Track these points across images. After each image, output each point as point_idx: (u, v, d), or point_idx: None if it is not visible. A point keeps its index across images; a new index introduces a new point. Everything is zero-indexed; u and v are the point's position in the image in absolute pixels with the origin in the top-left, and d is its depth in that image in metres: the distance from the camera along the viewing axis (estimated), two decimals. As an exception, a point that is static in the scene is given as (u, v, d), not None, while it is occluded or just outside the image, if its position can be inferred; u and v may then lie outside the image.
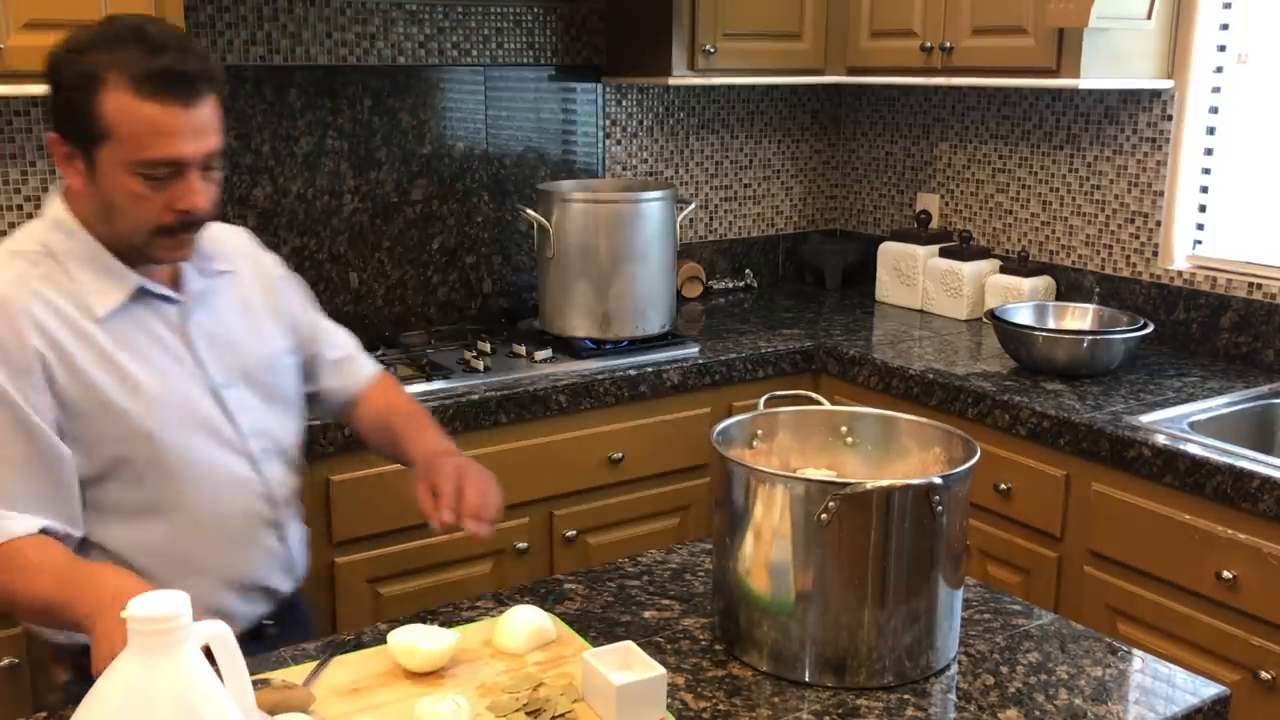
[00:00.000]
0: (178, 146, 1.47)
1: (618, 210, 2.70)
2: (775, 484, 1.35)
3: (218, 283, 1.68)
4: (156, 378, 1.56)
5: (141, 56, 1.44)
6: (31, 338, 1.47)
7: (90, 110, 1.45)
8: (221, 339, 1.65)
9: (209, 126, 1.51)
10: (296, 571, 1.77)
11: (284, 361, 1.76)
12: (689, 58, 2.91)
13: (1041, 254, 3.11)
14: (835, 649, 1.35)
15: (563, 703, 1.28)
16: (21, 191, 2.49)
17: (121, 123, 1.45)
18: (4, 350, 1.46)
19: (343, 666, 1.38)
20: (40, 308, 1.49)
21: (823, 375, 2.85)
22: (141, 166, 1.47)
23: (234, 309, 1.69)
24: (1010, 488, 2.40)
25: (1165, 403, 2.37)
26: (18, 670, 2.01)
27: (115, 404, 1.52)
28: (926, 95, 3.37)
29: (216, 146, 1.53)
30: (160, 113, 1.45)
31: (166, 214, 1.50)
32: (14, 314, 1.47)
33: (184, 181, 1.50)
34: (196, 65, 1.48)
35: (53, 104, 1.50)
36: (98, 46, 1.46)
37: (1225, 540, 2.05)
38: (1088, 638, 1.47)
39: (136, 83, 1.44)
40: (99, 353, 1.52)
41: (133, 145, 1.45)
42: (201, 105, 1.48)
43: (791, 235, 3.63)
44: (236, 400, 1.65)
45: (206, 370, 1.62)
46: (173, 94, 1.45)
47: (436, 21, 2.92)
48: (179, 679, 0.91)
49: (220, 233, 1.74)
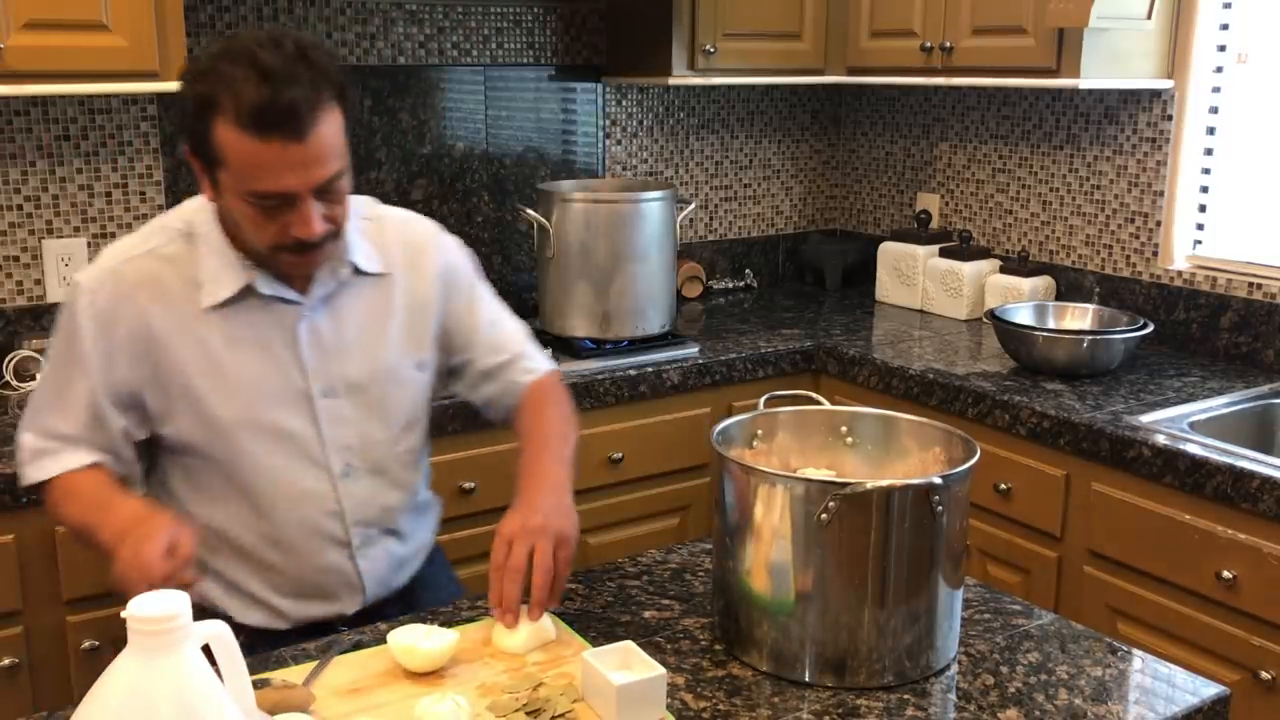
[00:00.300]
0: (284, 181, 1.44)
1: (618, 210, 2.70)
2: (775, 484, 1.35)
3: (355, 287, 1.64)
4: (248, 375, 1.57)
5: (249, 87, 1.39)
6: (135, 312, 1.54)
7: (207, 136, 1.44)
8: (332, 346, 1.62)
9: (321, 155, 1.44)
10: (366, 590, 1.69)
11: (404, 375, 1.69)
12: (689, 58, 2.91)
13: (1041, 254, 3.11)
14: (835, 649, 1.35)
15: (563, 703, 1.28)
16: (21, 191, 2.49)
17: (231, 155, 1.43)
18: (100, 314, 1.54)
19: (343, 666, 1.38)
20: (151, 285, 1.55)
21: (823, 375, 2.85)
22: (252, 197, 1.46)
23: (361, 315, 1.64)
24: (1010, 488, 2.40)
25: (1165, 403, 2.37)
26: (18, 670, 2.02)
27: (197, 391, 1.56)
28: (926, 95, 3.37)
29: (332, 172, 1.47)
30: (264, 149, 1.41)
31: (283, 237, 1.49)
32: (124, 286, 1.55)
33: (297, 210, 1.46)
34: (305, 94, 1.41)
35: (180, 119, 1.50)
36: (213, 71, 1.42)
37: (1225, 540, 2.05)
38: (1088, 638, 1.47)
39: (242, 117, 1.40)
40: (197, 339, 1.55)
41: (242, 177, 1.44)
42: (311, 136, 1.42)
43: (791, 235, 3.63)
44: (330, 411, 1.62)
45: (306, 376, 1.60)
46: (278, 130, 1.40)
47: (436, 21, 2.92)
48: (179, 679, 0.91)
49: (397, 229, 1.70)
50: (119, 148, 2.58)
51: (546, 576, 1.42)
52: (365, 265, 1.64)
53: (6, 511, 1.97)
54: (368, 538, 1.67)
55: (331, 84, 1.45)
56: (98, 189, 2.57)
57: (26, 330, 2.51)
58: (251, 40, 1.43)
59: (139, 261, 1.57)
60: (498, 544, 1.45)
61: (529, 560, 1.43)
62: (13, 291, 2.51)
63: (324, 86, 1.44)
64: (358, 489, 1.65)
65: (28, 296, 2.53)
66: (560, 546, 1.45)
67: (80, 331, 1.55)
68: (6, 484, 1.95)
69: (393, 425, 1.68)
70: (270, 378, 1.58)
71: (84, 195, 2.56)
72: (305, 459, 1.61)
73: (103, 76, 2.18)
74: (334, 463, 1.63)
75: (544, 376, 1.80)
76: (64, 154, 2.52)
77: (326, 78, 1.44)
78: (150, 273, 1.56)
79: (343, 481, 1.63)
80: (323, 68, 1.44)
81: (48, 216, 2.52)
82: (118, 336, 1.55)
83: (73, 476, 1.57)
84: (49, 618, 2.04)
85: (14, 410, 2.29)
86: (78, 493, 1.55)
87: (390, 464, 1.69)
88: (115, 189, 2.59)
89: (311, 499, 1.62)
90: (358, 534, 1.66)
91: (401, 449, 1.70)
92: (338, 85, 1.47)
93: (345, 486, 1.64)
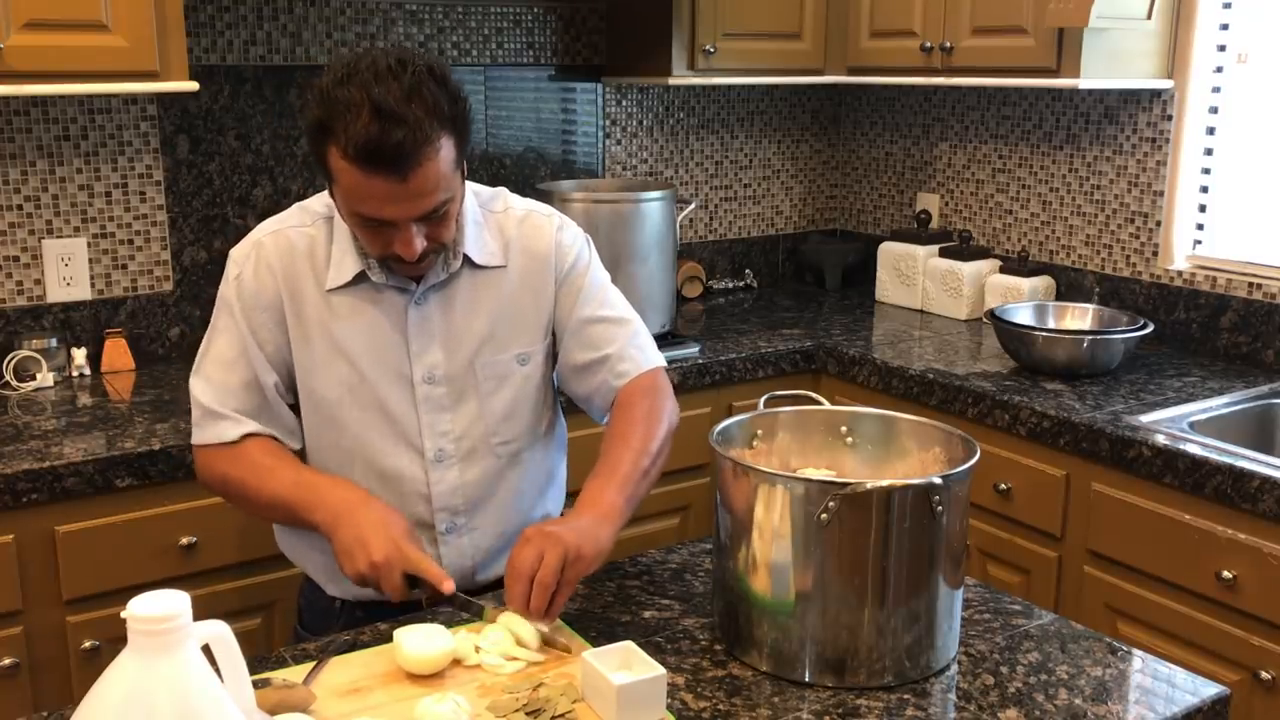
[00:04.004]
0: (386, 211, 1.49)
1: (618, 210, 2.70)
2: (775, 484, 1.35)
3: (468, 278, 1.67)
4: (359, 357, 1.63)
5: (360, 122, 1.42)
6: (274, 281, 1.63)
7: (323, 156, 1.50)
8: (438, 334, 1.66)
9: (424, 190, 1.48)
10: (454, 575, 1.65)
11: (505, 368, 1.69)
12: (689, 58, 2.91)
13: (1041, 254, 3.11)
14: (835, 649, 1.35)
15: (563, 703, 1.28)
16: (21, 191, 2.49)
17: (341, 179, 1.49)
18: (246, 285, 1.63)
19: (343, 666, 1.38)
20: (286, 258, 1.63)
21: (823, 375, 2.85)
22: (358, 217, 1.52)
23: (470, 307, 1.67)
24: (1010, 488, 2.40)
25: (1165, 403, 2.37)
26: (17, 670, 2.02)
27: (318, 365, 1.64)
28: (926, 95, 3.37)
29: (434, 205, 1.50)
30: (369, 183, 1.45)
31: (387, 250, 1.55)
32: (268, 258, 1.63)
33: (400, 233, 1.51)
34: (413, 135, 1.43)
35: (306, 131, 1.53)
36: (332, 98, 1.45)
37: (1225, 540, 2.05)
38: (1088, 638, 1.47)
39: (350, 150, 1.43)
40: (320, 317, 1.63)
41: (349, 199, 1.50)
42: (414, 175, 1.45)
43: (791, 235, 3.63)
44: (430, 398, 1.65)
45: (410, 361, 1.64)
46: (382, 167, 1.44)
47: (436, 21, 2.92)
48: (179, 679, 0.91)
49: (518, 223, 1.71)
50: (119, 148, 2.58)
51: (542, 589, 1.41)
52: (479, 258, 1.67)
53: (6, 511, 1.97)
54: (453, 525, 1.69)
55: (443, 119, 1.47)
56: (98, 189, 2.57)
57: (26, 330, 2.51)
58: (373, 66, 1.45)
59: (280, 235, 1.65)
60: (518, 543, 1.47)
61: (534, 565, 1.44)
62: (13, 291, 2.51)
63: (435, 124, 1.46)
64: (451, 476, 1.68)
65: (28, 297, 2.52)
66: (573, 563, 1.44)
67: (230, 298, 1.65)
68: (6, 484, 1.95)
69: (489, 416, 1.69)
70: (379, 363, 1.64)
71: (84, 195, 2.56)
72: (404, 443, 1.66)
73: (103, 76, 2.18)
74: (428, 447, 1.66)
75: (637, 380, 1.71)
76: (64, 154, 2.52)
77: (438, 114, 1.46)
78: (287, 247, 1.64)
79: (434, 466, 1.67)
80: (434, 104, 1.46)
81: (48, 216, 2.52)
82: (260, 301, 1.63)
83: (249, 445, 1.63)
84: (49, 618, 2.04)
85: (14, 410, 2.29)
86: (258, 464, 1.61)
87: (484, 455, 1.70)
88: (115, 189, 2.59)
89: (406, 481, 1.66)
90: (443, 520, 1.69)
91: (497, 441, 1.71)
92: (450, 119, 1.49)
93: (436, 472, 1.67)
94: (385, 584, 1.45)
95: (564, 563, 1.42)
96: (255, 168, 2.73)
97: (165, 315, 2.67)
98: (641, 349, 1.74)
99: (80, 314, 2.57)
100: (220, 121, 2.68)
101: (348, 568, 1.47)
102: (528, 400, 1.73)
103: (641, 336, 1.76)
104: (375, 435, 1.65)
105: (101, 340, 2.57)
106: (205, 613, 0.99)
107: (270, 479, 1.60)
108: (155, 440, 2.11)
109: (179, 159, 2.64)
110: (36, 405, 2.33)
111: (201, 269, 2.70)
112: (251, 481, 1.61)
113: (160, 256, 2.66)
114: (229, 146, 2.69)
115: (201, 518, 2.13)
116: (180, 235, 2.67)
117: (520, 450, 1.73)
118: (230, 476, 1.63)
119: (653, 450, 1.63)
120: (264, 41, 2.70)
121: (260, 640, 2.22)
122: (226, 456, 1.63)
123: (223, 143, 2.69)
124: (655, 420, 1.66)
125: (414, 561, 1.46)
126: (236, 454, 1.62)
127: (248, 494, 1.62)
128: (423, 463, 1.66)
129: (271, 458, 1.62)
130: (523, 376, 1.71)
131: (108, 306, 2.60)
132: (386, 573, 1.44)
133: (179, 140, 2.64)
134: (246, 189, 2.73)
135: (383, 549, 1.45)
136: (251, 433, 1.63)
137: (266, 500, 1.60)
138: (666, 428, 1.67)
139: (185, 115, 2.64)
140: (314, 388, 1.65)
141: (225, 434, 1.63)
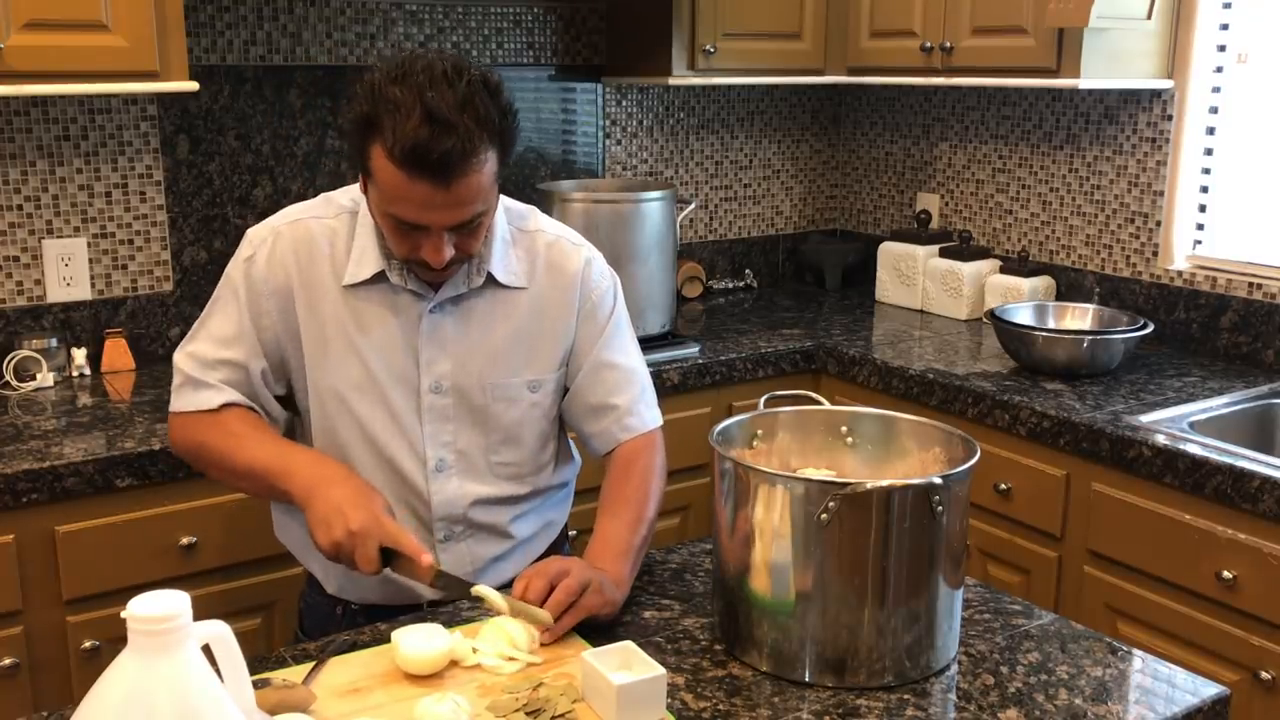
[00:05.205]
0: (421, 216, 1.48)
1: (618, 210, 2.70)
2: (775, 484, 1.35)
3: (488, 294, 1.65)
4: (371, 356, 1.62)
5: (410, 125, 1.41)
6: (287, 271, 1.61)
7: (365, 151, 1.48)
8: (449, 346, 1.64)
9: (462, 200, 1.47)
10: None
11: (513, 391, 1.68)
12: (689, 58, 2.91)
13: (1041, 254, 3.11)
14: (835, 649, 1.35)
15: (563, 703, 1.28)
16: (21, 191, 2.49)
17: (380, 178, 1.47)
18: (257, 269, 1.62)
19: (343, 666, 1.38)
20: (305, 249, 1.62)
21: (823, 375, 2.85)
22: (391, 218, 1.51)
23: (486, 324, 1.65)
24: (1010, 488, 2.40)
25: (1165, 403, 2.37)
26: (17, 670, 2.02)
27: (330, 358, 1.62)
28: (926, 95, 3.37)
29: (470, 215, 1.50)
30: (410, 186, 1.44)
31: (413, 254, 1.54)
32: (284, 247, 1.62)
33: (430, 239, 1.50)
34: (460, 145, 1.42)
35: (345, 124, 1.52)
36: (383, 95, 1.44)
37: (1225, 540, 2.05)
38: (1088, 638, 1.47)
39: (394, 151, 1.42)
40: (335, 311, 1.62)
41: (386, 198, 1.49)
42: (456, 184, 1.44)
43: (791, 235, 3.63)
44: (435, 407, 1.64)
45: (419, 368, 1.63)
46: (426, 174, 1.43)
47: (436, 21, 2.92)
48: (179, 679, 0.91)
49: (547, 247, 1.70)
50: (119, 148, 2.58)
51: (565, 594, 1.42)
52: (502, 277, 1.65)
53: (6, 511, 1.97)
54: (451, 534, 1.69)
55: (492, 132, 1.47)
56: (98, 189, 2.57)
57: (26, 330, 2.51)
58: (429, 69, 1.44)
59: (300, 225, 1.64)
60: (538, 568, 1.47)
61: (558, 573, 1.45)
62: (13, 291, 2.51)
63: (482, 137, 1.45)
64: (450, 488, 1.67)
65: (28, 296, 2.52)
66: (594, 591, 1.45)
67: (237, 279, 1.64)
68: (6, 484, 1.95)
69: (490, 436, 1.68)
70: (389, 365, 1.63)
71: (84, 195, 2.56)
72: (407, 449, 1.65)
73: (103, 76, 2.18)
74: (429, 455, 1.66)
75: (640, 438, 1.73)
76: (64, 154, 2.52)
77: (488, 126, 1.46)
78: (305, 238, 1.63)
79: (435, 476, 1.66)
80: (485, 115, 1.45)
81: (48, 216, 2.52)
82: (269, 287, 1.62)
83: (229, 414, 1.61)
84: (49, 618, 2.04)
85: (14, 410, 2.29)
86: (236, 432, 1.60)
87: (483, 472, 1.69)
88: (115, 189, 2.59)
89: (405, 486, 1.66)
90: (441, 528, 1.68)
91: (497, 460, 1.70)
92: (498, 133, 1.48)
93: (436, 482, 1.66)
94: (359, 555, 1.44)
95: (586, 586, 1.44)
96: (255, 168, 2.73)
97: (165, 315, 2.67)
98: (650, 406, 1.77)
99: (80, 314, 2.58)
100: (220, 121, 2.68)
101: (322, 537, 1.45)
102: (533, 427, 1.71)
103: (649, 393, 1.78)
104: (380, 433, 1.65)
105: (101, 340, 2.57)
106: (205, 613, 0.98)
107: (247, 445, 1.58)
108: (155, 440, 2.11)
109: (179, 159, 2.64)
110: (36, 405, 2.33)
111: (202, 269, 2.70)
112: (228, 448, 1.59)
113: (160, 256, 2.66)
114: (229, 146, 2.69)
115: (201, 518, 2.13)
116: (180, 235, 2.67)
117: (522, 475, 1.72)
118: (207, 443, 1.61)
119: (652, 518, 1.65)
120: (264, 41, 2.70)
121: (260, 640, 2.22)
122: (205, 422, 1.61)
123: (223, 143, 2.69)
124: (654, 483, 1.69)
125: (392, 534, 1.45)
126: (215, 420, 1.61)
127: (223, 461, 1.60)
128: (424, 470, 1.66)
129: (249, 426, 1.61)
130: (530, 403, 1.70)
131: (108, 306, 2.60)
132: (362, 542, 1.43)
133: (179, 140, 2.64)
134: (247, 189, 2.73)
135: (360, 519, 1.44)
136: (232, 402, 1.62)
137: (243, 468, 1.58)
138: (661, 487, 1.70)
139: (185, 115, 2.64)
140: (323, 380, 1.64)
141: (208, 401, 1.61)
